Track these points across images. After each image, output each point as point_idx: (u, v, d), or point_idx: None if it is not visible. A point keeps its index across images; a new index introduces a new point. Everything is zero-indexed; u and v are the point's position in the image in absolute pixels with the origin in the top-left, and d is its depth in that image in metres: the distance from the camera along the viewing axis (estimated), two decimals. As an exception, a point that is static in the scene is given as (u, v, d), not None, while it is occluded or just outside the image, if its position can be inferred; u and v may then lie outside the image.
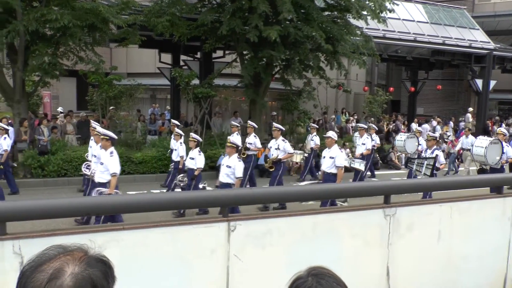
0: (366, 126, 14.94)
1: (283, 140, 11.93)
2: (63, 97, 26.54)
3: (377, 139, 15.16)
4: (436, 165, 10.46)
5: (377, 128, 16.00)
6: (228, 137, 11.43)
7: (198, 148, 10.53)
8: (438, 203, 4.70)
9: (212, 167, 14.40)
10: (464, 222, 4.80)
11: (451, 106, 34.70)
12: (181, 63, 19.70)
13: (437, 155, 10.53)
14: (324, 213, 4.20)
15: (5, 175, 11.65)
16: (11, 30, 12.45)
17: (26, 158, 13.27)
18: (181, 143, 11.62)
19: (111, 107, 17.38)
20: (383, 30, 21.26)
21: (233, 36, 15.35)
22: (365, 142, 13.96)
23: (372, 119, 22.92)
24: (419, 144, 13.54)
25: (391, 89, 29.40)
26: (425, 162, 10.43)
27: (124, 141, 15.68)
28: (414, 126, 22.98)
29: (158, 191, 12.39)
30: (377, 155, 18.05)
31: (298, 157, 14.35)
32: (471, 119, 26.34)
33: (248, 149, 12.33)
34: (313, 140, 14.87)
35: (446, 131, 24.10)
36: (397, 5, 18.02)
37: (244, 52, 16.30)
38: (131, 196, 5.44)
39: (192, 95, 16.26)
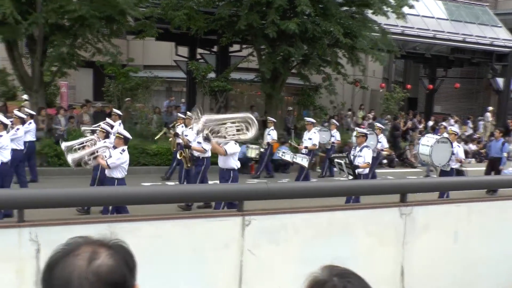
0: (314, 121, 13.99)
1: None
2: (80, 88, 26.77)
3: (384, 141, 14.13)
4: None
5: (383, 127, 15.01)
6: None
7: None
8: (455, 203, 4.64)
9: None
10: (483, 223, 4.72)
11: (469, 104, 34.20)
12: (198, 56, 19.71)
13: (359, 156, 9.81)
14: (339, 210, 4.18)
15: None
16: (31, 22, 12.58)
17: (43, 146, 13.40)
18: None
19: (127, 99, 17.47)
20: (401, 26, 21.03)
21: (250, 31, 15.31)
22: (312, 137, 13.05)
23: (389, 116, 22.71)
24: (378, 141, 13.26)
25: (409, 86, 29.07)
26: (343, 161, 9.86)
27: (140, 132, 15.75)
28: (431, 124, 22.75)
29: (173, 183, 12.44)
30: (393, 153, 17.90)
31: (253, 152, 13.83)
32: (490, 118, 25.95)
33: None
34: (270, 135, 14.09)
35: (465, 132, 23.77)
36: (417, 1, 17.78)
37: (262, 47, 16.24)
38: (150, 187, 5.46)
39: (208, 89, 16.26)
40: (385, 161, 17.89)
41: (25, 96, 20.14)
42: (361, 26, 15.96)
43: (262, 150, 14.00)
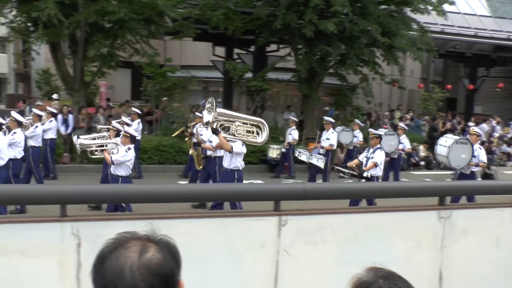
0: (332, 120, 13.52)
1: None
2: (118, 87, 27.33)
3: (406, 142, 13.45)
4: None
5: (406, 128, 14.36)
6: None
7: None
8: (498, 207, 4.51)
9: (263, 160, 14.45)
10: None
11: (512, 105, 33.14)
12: (235, 56, 19.81)
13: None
14: (376, 212, 4.13)
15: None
16: (72, 22, 12.97)
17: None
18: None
19: (164, 98, 17.72)
20: (441, 24, 20.54)
21: (287, 30, 15.29)
22: (330, 137, 12.67)
23: (427, 117, 22.25)
24: (400, 142, 12.87)
25: (448, 86, 28.40)
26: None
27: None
28: (471, 125, 22.15)
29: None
30: (431, 155, 17.52)
31: (274, 152, 13.60)
32: (535, 120, 25.07)
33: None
34: (291, 135, 13.86)
35: (507, 133, 23.04)
36: (458, -2, 17.39)
37: (299, 47, 16.19)
38: (185, 186, 5.53)
39: (245, 89, 16.33)
40: (422, 163, 17.57)
41: (54, 96, 20.76)
42: (400, 24, 15.71)
43: (283, 150, 13.81)
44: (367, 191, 4.33)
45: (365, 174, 8.98)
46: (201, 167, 9.79)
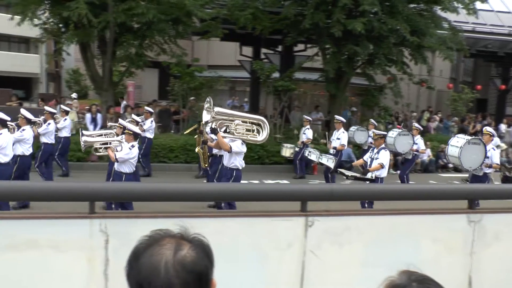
0: (343, 120, 13.24)
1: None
2: (145, 87, 27.69)
3: (421, 143, 13.02)
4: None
5: (421, 128, 13.89)
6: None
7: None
8: (531, 211, 4.39)
9: (290, 160, 14.41)
10: None
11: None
12: (262, 56, 19.83)
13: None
14: (404, 215, 4.07)
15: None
16: (102, 21, 13.21)
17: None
18: None
19: (191, 98, 17.86)
20: (473, 23, 20.13)
21: (315, 30, 15.22)
22: (340, 137, 12.41)
23: (456, 118, 21.86)
24: (414, 143, 12.53)
25: (479, 87, 27.82)
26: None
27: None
28: (503, 127, 21.66)
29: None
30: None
31: (287, 151, 13.35)
32: None
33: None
34: (305, 134, 13.68)
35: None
36: (491, -5, 17.03)
37: (326, 46, 16.11)
38: (212, 185, 5.56)
39: (272, 88, 16.33)
40: (451, 165, 17.24)
41: (74, 95, 21.14)
42: (429, 23, 15.46)
43: (297, 149, 13.61)
44: (394, 193, 4.27)
45: (368, 175, 8.81)
46: (206, 165, 9.77)
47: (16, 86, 30.66)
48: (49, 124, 10.84)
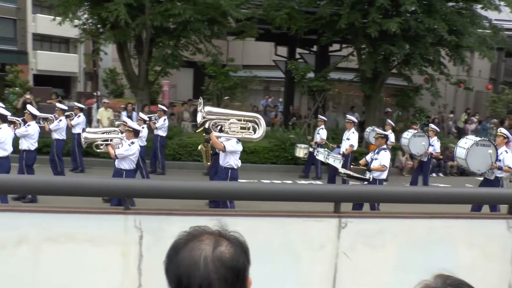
0: (355, 120, 12.83)
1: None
2: (180, 86, 28.01)
3: (437, 145, 12.44)
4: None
5: (438, 130, 13.24)
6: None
7: None
8: None
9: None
10: None
11: None
12: (297, 56, 19.77)
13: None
14: (440, 218, 3.98)
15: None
16: (139, 23, 13.46)
17: (146, 141, 14.18)
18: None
19: (226, 97, 17.98)
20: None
21: (351, 30, 15.07)
22: (350, 137, 12.06)
23: (495, 120, 21.23)
24: (430, 145, 12.04)
25: (521, 87, 26.93)
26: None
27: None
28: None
29: (268, 181, 12.60)
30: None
31: (301, 152, 12.90)
32: None
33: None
34: (319, 134, 13.20)
35: None
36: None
37: (362, 46, 15.93)
38: (244, 184, 5.58)
39: (307, 88, 16.26)
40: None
41: (98, 93, 21.53)
42: (468, 22, 15.07)
43: (311, 150, 13.21)
44: (430, 196, 4.18)
45: (367, 176, 8.53)
46: (209, 163, 9.73)
47: (56, 85, 31.66)
48: (60, 120, 11.11)
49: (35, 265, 3.28)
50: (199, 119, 7.32)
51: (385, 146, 8.89)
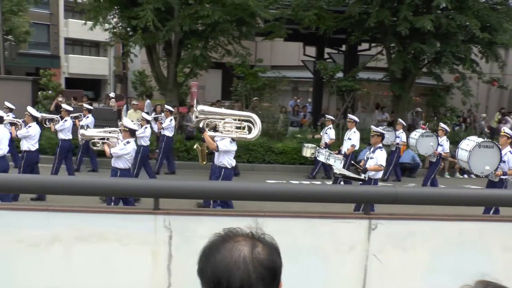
0: (356, 119, 12.50)
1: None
2: (209, 88, 28.22)
3: (446, 144, 11.99)
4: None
5: (447, 129, 12.72)
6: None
7: None
8: None
9: (353, 163, 14.18)
10: None
11: None
12: (325, 56, 19.66)
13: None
14: (473, 221, 3.88)
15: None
16: (168, 29, 13.63)
17: (175, 142, 14.33)
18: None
19: (254, 98, 18.01)
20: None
21: (380, 28, 14.90)
22: (352, 137, 11.79)
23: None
24: (439, 145, 11.69)
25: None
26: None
27: (266, 131, 16.14)
28: None
29: (297, 182, 12.56)
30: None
31: (308, 152, 12.35)
32: None
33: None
34: (327, 134, 12.92)
35: None
36: None
37: (391, 45, 15.73)
38: (273, 185, 5.58)
39: (336, 88, 16.15)
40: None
41: (111, 94, 21.84)
42: (503, 18, 14.67)
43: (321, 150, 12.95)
44: (462, 198, 4.09)
45: (362, 176, 8.28)
46: (204, 162, 9.69)
47: (87, 87, 32.38)
48: (65, 121, 11.26)
49: (67, 264, 3.35)
50: (193, 118, 7.33)
51: (381, 145, 8.58)
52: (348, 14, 15.00)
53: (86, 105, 13.30)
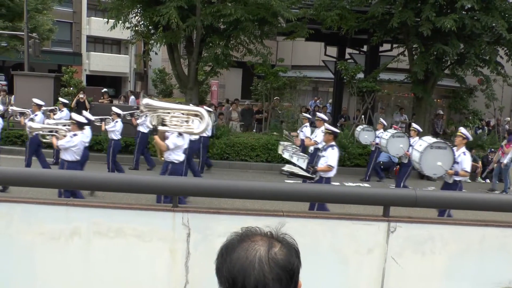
0: (325, 118, 12.01)
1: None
2: (229, 86, 28.27)
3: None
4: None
5: (420, 130, 12.16)
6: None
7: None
8: None
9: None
10: None
11: None
12: (347, 56, 19.53)
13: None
14: (495, 227, 3.81)
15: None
16: (189, 25, 13.68)
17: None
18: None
19: (275, 97, 17.98)
20: None
21: (403, 29, 14.72)
22: (316, 134, 11.27)
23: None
24: (411, 146, 10.94)
25: None
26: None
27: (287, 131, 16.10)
28: None
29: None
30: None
31: (280, 149, 11.48)
32: None
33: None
34: (303, 132, 12.44)
35: None
36: None
37: (414, 46, 15.53)
38: (292, 185, 5.55)
39: (356, 89, 16.04)
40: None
41: (104, 90, 21.77)
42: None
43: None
44: (483, 203, 4.01)
45: (314, 176, 8.03)
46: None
47: (107, 85, 32.77)
48: (36, 115, 11.49)
49: (86, 258, 3.39)
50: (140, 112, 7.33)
51: (333, 143, 8.26)
52: (370, 14, 14.84)
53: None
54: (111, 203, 3.53)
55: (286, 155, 10.44)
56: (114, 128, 11.37)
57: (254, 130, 17.68)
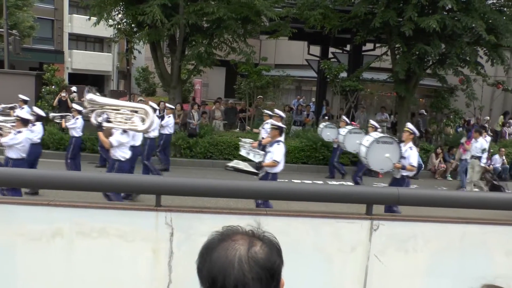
0: (270, 113, 11.91)
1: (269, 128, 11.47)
2: (212, 85, 28.20)
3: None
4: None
5: (377, 126, 11.72)
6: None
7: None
8: None
9: (355, 162, 14.15)
10: None
11: None
12: (330, 55, 19.62)
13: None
14: (476, 224, 3.86)
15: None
16: (174, 23, 13.61)
17: (177, 139, 14.30)
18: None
19: (258, 96, 17.99)
20: None
21: (385, 29, 14.83)
22: (265, 127, 11.21)
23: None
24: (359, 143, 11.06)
25: None
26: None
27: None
28: None
29: (299, 181, 12.50)
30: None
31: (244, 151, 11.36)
32: None
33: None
34: (264, 129, 12.03)
35: None
36: None
37: (396, 46, 15.66)
38: (276, 183, 5.56)
39: (340, 88, 16.12)
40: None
41: (72, 88, 21.60)
42: (510, 21, 14.55)
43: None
44: (464, 201, 4.06)
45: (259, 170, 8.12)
46: None
47: (90, 83, 32.38)
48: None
49: (68, 258, 3.35)
50: (83, 108, 7.27)
51: (280, 139, 8.25)
52: (353, 14, 14.93)
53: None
54: (94, 203, 3.50)
55: (243, 152, 10.57)
56: (75, 125, 11.17)
57: (237, 129, 17.67)
